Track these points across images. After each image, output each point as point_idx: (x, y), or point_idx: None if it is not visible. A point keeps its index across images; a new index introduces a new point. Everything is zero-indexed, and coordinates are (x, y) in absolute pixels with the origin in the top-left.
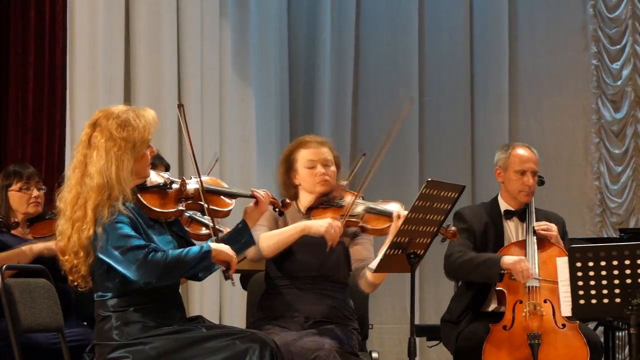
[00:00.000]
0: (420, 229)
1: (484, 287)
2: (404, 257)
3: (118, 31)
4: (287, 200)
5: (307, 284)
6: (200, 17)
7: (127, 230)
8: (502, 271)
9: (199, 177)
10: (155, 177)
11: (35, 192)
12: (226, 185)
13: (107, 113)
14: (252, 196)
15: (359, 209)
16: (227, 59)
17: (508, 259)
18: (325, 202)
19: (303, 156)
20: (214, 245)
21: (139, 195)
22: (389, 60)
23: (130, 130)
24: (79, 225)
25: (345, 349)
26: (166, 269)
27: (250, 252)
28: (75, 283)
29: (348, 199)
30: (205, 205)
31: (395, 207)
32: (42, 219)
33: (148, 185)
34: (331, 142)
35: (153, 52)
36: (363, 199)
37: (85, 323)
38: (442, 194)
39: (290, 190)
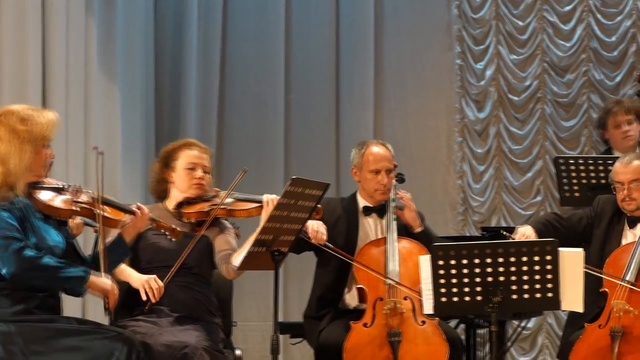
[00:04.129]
0: (285, 226)
1: (337, 278)
2: (268, 254)
3: None
4: (178, 230)
5: (172, 275)
6: (65, 13)
7: (12, 221)
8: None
9: (101, 184)
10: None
11: None
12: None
13: (8, 110)
14: (132, 212)
15: (229, 200)
16: (93, 55)
17: None
18: (196, 198)
19: (186, 156)
20: (94, 277)
21: (31, 191)
22: (255, 58)
23: (32, 124)
24: None
25: (210, 346)
26: (32, 268)
27: None
28: None
29: (220, 195)
30: (98, 212)
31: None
32: None
33: (44, 185)
34: (212, 152)
35: (17, 47)
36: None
37: None
38: (306, 191)
39: (163, 185)
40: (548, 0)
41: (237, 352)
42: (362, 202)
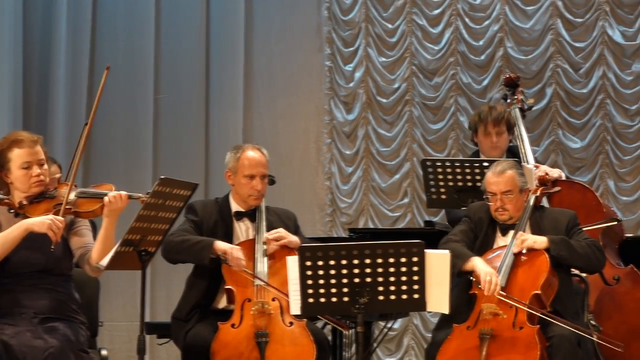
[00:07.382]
0: (152, 226)
1: (212, 284)
2: (135, 254)
3: None
4: (25, 202)
5: (33, 279)
6: None
7: None
8: (218, 255)
9: None
10: None
11: None
12: None
13: None
14: None
15: (72, 195)
16: None
17: (222, 244)
18: (38, 196)
19: (18, 156)
20: None
21: None
22: (125, 56)
23: None
24: None
25: (75, 347)
26: None
27: None
28: None
29: (62, 189)
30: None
31: (109, 191)
32: None
33: None
34: (41, 139)
35: None
36: (76, 187)
37: None
38: (174, 191)
39: (3, 187)
40: (417, 4)
41: (103, 352)
42: (234, 207)
